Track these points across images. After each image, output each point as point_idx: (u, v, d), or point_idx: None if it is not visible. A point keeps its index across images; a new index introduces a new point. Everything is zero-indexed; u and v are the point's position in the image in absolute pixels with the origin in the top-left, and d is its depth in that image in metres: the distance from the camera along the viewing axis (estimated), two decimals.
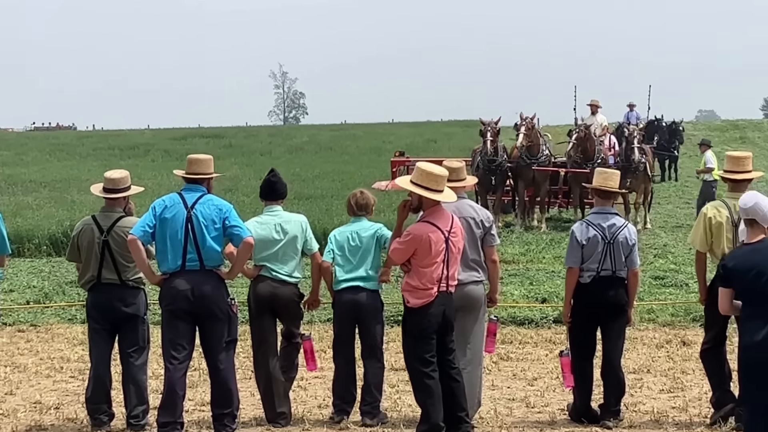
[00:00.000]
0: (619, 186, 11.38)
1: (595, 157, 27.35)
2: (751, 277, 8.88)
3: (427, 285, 10.20)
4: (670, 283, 19.21)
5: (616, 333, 11.09)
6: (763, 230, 9.13)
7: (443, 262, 10.21)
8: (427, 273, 10.19)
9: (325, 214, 27.43)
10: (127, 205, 11.52)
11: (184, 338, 10.58)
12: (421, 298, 10.22)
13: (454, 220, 10.40)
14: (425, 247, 10.13)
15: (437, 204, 10.32)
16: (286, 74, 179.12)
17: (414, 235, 10.20)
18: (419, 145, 54.92)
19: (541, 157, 27.89)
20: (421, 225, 10.29)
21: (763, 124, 71.30)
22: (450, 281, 10.34)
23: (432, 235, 10.15)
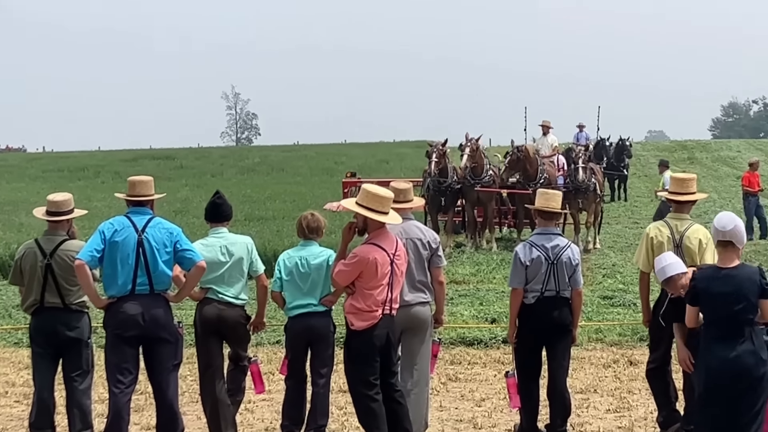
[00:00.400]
0: (569, 206, 11.50)
1: (537, 177, 27.39)
2: (722, 303, 9.02)
3: (372, 307, 10.19)
4: (618, 303, 19.27)
5: (561, 353, 11.09)
6: (738, 254, 9.23)
7: (388, 284, 10.22)
8: (372, 295, 10.18)
9: (276, 235, 27.34)
10: (71, 228, 11.44)
11: (129, 362, 10.50)
12: (366, 321, 10.20)
13: (398, 242, 10.41)
14: (371, 269, 10.13)
15: (382, 226, 10.32)
16: (238, 95, 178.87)
17: (360, 257, 10.19)
18: (371, 166, 54.95)
19: (485, 177, 27.91)
20: (367, 247, 10.28)
21: (711, 144, 71.87)
22: (393, 304, 10.34)
23: (378, 257, 10.15)
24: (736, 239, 9.22)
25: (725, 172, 51.58)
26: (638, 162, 54.34)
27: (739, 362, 8.95)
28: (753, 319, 9.02)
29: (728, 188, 44.04)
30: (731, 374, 9.00)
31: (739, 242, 9.24)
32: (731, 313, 8.99)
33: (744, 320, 9.00)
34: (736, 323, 9.00)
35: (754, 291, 8.97)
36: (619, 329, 17.00)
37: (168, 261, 10.62)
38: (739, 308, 8.96)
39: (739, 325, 8.99)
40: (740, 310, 8.97)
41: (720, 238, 9.25)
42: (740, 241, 9.26)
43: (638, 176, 49.57)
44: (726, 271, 9.13)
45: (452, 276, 22.35)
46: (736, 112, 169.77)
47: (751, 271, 9.12)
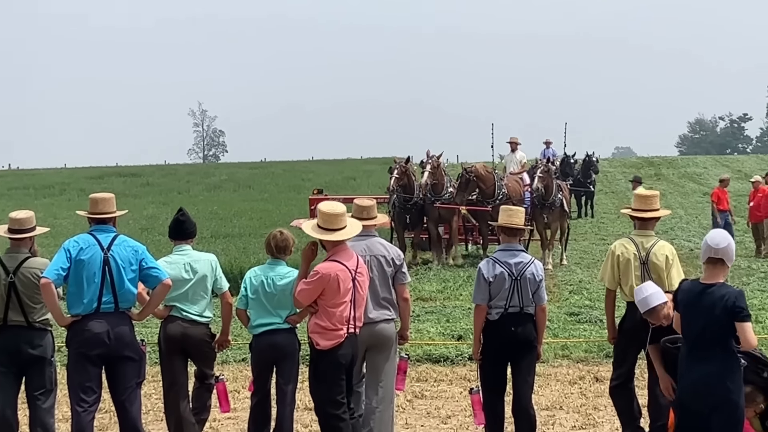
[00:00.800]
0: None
1: (495, 194, 27.42)
2: (694, 318, 9.02)
3: (337, 325, 10.18)
4: (585, 320, 19.28)
5: (525, 369, 11.06)
6: (725, 273, 9.23)
7: (351, 301, 10.21)
8: (336, 313, 10.16)
9: (242, 252, 27.29)
10: (33, 245, 11.36)
11: (93, 381, 10.45)
12: (331, 340, 10.18)
13: (359, 259, 10.42)
14: (333, 285, 10.12)
15: (341, 243, 10.32)
16: (205, 112, 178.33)
17: (322, 274, 10.17)
18: (338, 183, 54.99)
19: (445, 194, 27.94)
20: (328, 264, 10.27)
21: (677, 161, 72.24)
22: (357, 322, 10.34)
23: (340, 273, 10.14)
24: (727, 257, 9.21)
25: (692, 189, 51.83)
26: (605, 178, 54.56)
27: (701, 384, 8.93)
28: (727, 341, 8.95)
29: (695, 204, 44.23)
30: (694, 395, 9.00)
31: (729, 260, 9.25)
32: (700, 330, 8.98)
33: (714, 339, 8.92)
34: (704, 341, 8.95)
35: (724, 311, 8.89)
36: (585, 346, 17.01)
37: (133, 279, 10.59)
38: (708, 325, 8.91)
39: (709, 344, 8.93)
40: (709, 328, 8.91)
41: (712, 255, 9.17)
42: (730, 260, 9.27)
43: (605, 192, 49.77)
44: (704, 286, 9.11)
45: (419, 293, 22.36)
46: (703, 128, 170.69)
47: (727, 291, 9.01)
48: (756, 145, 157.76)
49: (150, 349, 13.99)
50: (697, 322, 9.00)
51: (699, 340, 9.01)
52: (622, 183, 54.36)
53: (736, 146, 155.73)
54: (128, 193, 53.19)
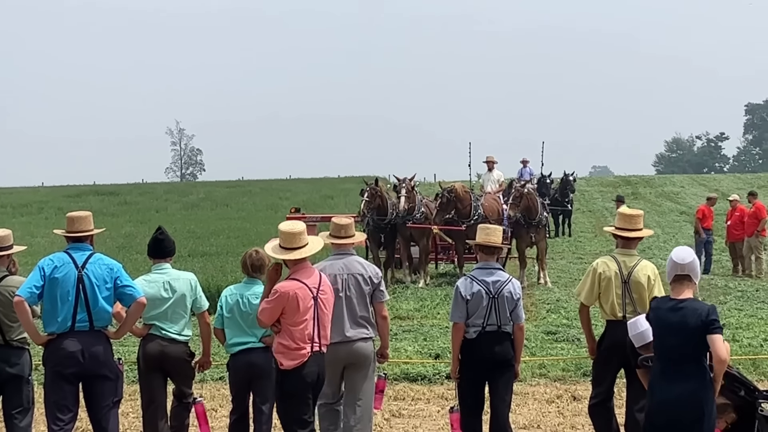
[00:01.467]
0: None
1: (471, 214, 27.43)
2: (667, 334, 9.05)
3: (300, 344, 10.15)
4: (562, 338, 19.29)
5: (503, 388, 11.05)
6: (692, 288, 9.28)
7: (313, 320, 10.18)
8: (296, 332, 10.14)
9: (219, 271, 27.24)
10: (10, 264, 11.32)
11: (68, 400, 10.43)
12: (294, 360, 10.15)
13: (322, 278, 10.42)
14: (293, 304, 10.11)
15: (302, 261, 10.34)
16: (183, 131, 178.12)
17: (281, 293, 10.18)
18: (316, 202, 54.95)
19: (417, 214, 27.97)
20: (287, 282, 10.29)
21: (654, 179, 72.47)
22: (322, 340, 10.31)
23: (299, 291, 10.15)
24: (693, 273, 9.29)
25: (669, 207, 51.96)
26: (582, 197, 54.65)
27: (677, 402, 8.94)
28: (701, 357, 9.00)
29: (672, 223, 44.35)
30: (670, 413, 9.01)
31: (695, 276, 9.31)
32: (674, 347, 9.01)
33: (689, 356, 8.97)
34: (679, 358, 8.99)
35: (698, 325, 8.94)
36: (562, 364, 17.01)
37: (108, 297, 10.57)
38: (683, 341, 8.96)
39: (684, 361, 8.97)
40: (683, 343, 8.95)
41: (678, 271, 9.26)
42: (696, 275, 9.33)
43: (582, 212, 49.83)
44: (675, 302, 9.17)
45: (396, 311, 22.35)
46: (680, 147, 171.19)
47: (699, 306, 9.09)
48: (733, 164, 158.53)
49: (127, 367, 13.95)
50: (671, 339, 9.03)
51: (674, 357, 9.03)
52: (600, 202, 54.53)
53: (713, 165, 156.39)
54: (105, 211, 53.01)
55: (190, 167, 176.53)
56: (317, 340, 10.23)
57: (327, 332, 10.38)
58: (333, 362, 11.03)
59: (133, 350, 15.47)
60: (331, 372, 11.07)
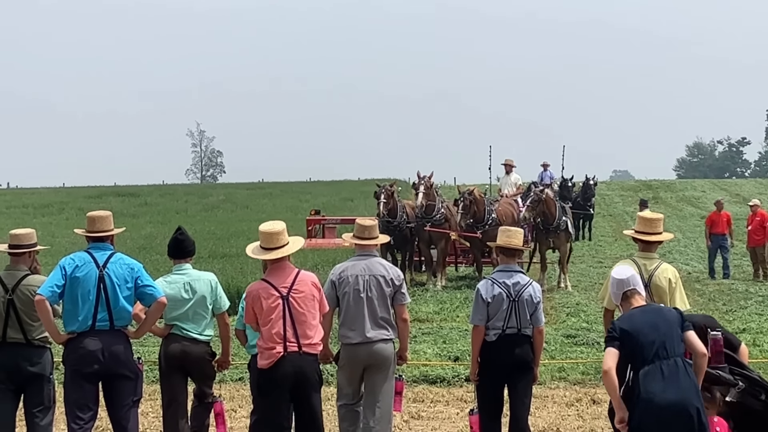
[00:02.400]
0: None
1: (485, 218, 27.41)
2: (649, 332, 9.00)
3: (269, 344, 10.10)
4: (582, 342, 19.26)
5: (522, 391, 11.07)
6: (644, 297, 9.38)
7: (282, 319, 10.09)
8: (265, 331, 10.13)
9: (239, 272, 27.22)
10: (33, 264, 11.35)
11: (89, 398, 10.47)
12: (266, 359, 10.10)
13: (298, 278, 10.30)
14: (258, 304, 10.14)
15: (279, 261, 10.33)
16: (203, 132, 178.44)
17: (246, 293, 10.32)
18: (336, 204, 54.98)
19: (437, 215, 27.96)
20: (255, 283, 10.41)
21: (675, 184, 72.32)
22: (302, 340, 10.14)
23: (261, 291, 10.17)
24: (638, 286, 9.51)
25: (690, 212, 51.87)
26: (603, 201, 54.57)
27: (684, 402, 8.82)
28: (682, 352, 9.01)
29: (692, 228, 44.23)
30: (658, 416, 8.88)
31: (641, 288, 9.53)
32: (661, 343, 8.96)
33: (675, 350, 8.97)
34: (667, 353, 8.94)
35: (676, 320, 9.09)
36: (582, 368, 16.98)
37: (129, 297, 10.60)
38: (668, 336, 8.97)
39: (672, 356, 8.94)
40: (668, 339, 8.97)
41: (625, 287, 9.46)
42: (642, 288, 9.51)
43: (603, 215, 49.75)
44: (641, 309, 9.28)
45: (415, 314, 22.33)
46: (701, 152, 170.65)
47: (664, 306, 9.32)
48: (754, 169, 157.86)
49: (147, 367, 13.97)
50: (649, 337, 8.99)
51: (660, 355, 8.95)
52: (620, 206, 54.46)
53: (735, 170, 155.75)
54: (126, 212, 53.15)
55: (210, 169, 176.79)
56: (293, 340, 10.09)
57: (309, 331, 10.20)
58: (353, 363, 11.05)
59: (153, 350, 15.52)
60: (351, 372, 11.09)
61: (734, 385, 9.44)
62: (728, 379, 9.45)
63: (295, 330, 10.11)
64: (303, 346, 10.13)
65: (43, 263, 12.01)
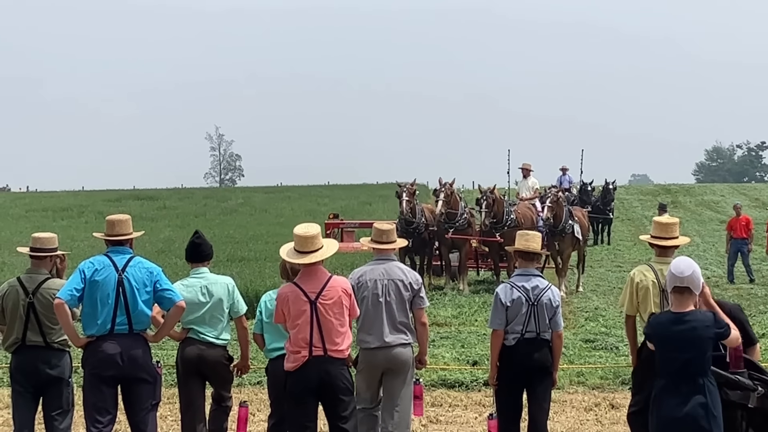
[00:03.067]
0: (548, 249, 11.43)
1: (504, 219, 27.42)
2: (674, 349, 8.94)
3: (295, 348, 10.09)
4: (601, 346, 19.22)
5: (541, 395, 11.05)
6: (694, 300, 9.17)
7: (310, 324, 10.05)
8: (293, 335, 10.13)
9: (257, 276, 27.28)
10: (54, 267, 11.37)
11: (107, 402, 10.47)
12: (292, 362, 10.10)
13: (328, 284, 10.23)
14: (287, 308, 10.13)
15: (311, 266, 10.27)
16: (222, 136, 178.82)
17: (278, 295, 10.31)
18: (354, 208, 55.04)
19: (460, 221, 27.95)
20: (286, 286, 10.36)
21: (694, 188, 72.16)
22: (328, 346, 10.08)
23: (291, 295, 10.14)
24: (693, 285, 9.12)
25: (709, 216, 51.77)
26: (621, 206, 54.48)
27: (688, 419, 8.83)
28: (708, 369, 8.94)
29: (712, 232, 44.15)
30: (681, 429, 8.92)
31: (695, 288, 9.18)
32: (682, 362, 8.92)
33: (696, 370, 8.88)
34: (687, 373, 8.89)
35: (709, 337, 8.88)
36: (601, 372, 16.95)
37: (148, 301, 10.61)
38: (691, 355, 8.87)
39: (691, 376, 8.88)
40: (692, 358, 8.86)
41: (677, 284, 9.10)
42: (696, 287, 9.19)
43: (621, 220, 49.69)
44: (680, 315, 9.04)
45: (434, 318, 22.33)
46: (720, 156, 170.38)
47: (705, 317, 8.97)
48: None
49: (166, 371, 14.00)
50: (677, 353, 8.92)
51: (680, 371, 8.92)
52: (639, 210, 54.38)
53: (754, 174, 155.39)
54: (145, 216, 53.30)
55: (229, 172, 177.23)
56: (318, 345, 10.05)
57: (336, 338, 10.13)
58: (371, 367, 11.05)
59: (171, 353, 15.53)
60: (370, 377, 11.09)
61: (753, 389, 9.40)
62: (747, 384, 9.41)
63: (322, 336, 10.07)
64: (329, 351, 10.08)
65: None
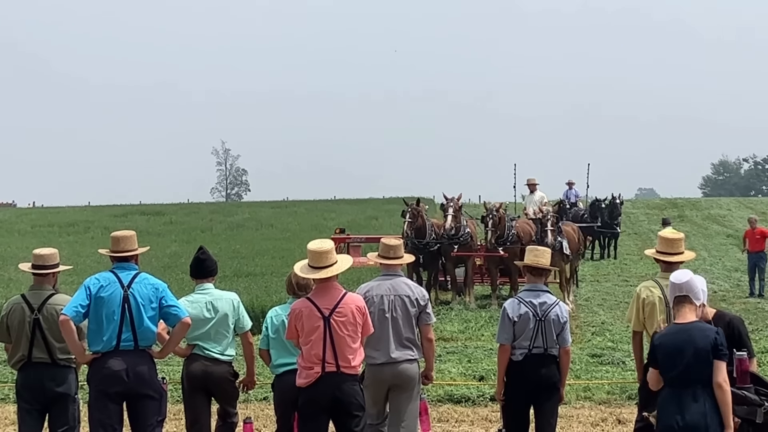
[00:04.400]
0: None
1: (505, 235, 27.41)
2: (675, 357, 8.94)
3: (308, 363, 10.07)
4: (607, 361, 19.20)
5: (548, 411, 11.00)
6: (695, 310, 9.18)
7: (323, 341, 10.03)
8: (305, 350, 10.10)
9: (264, 291, 27.30)
10: (56, 282, 11.38)
11: (113, 418, 10.42)
12: (305, 378, 10.09)
13: (342, 300, 10.19)
14: (300, 323, 10.10)
15: (326, 281, 10.25)
16: (228, 151, 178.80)
17: (291, 310, 10.28)
18: (360, 223, 54.92)
19: (462, 235, 27.93)
20: (300, 301, 10.34)
21: (701, 202, 71.97)
22: (341, 362, 10.05)
23: (304, 310, 10.11)
24: (692, 293, 9.18)
25: (715, 231, 51.60)
26: (628, 220, 54.30)
27: (687, 428, 8.84)
28: (709, 379, 8.92)
29: (718, 246, 44.04)
30: None
31: (695, 297, 9.20)
32: (683, 369, 8.93)
33: (697, 378, 8.89)
34: (688, 381, 8.91)
35: (707, 348, 8.88)
36: (607, 387, 16.92)
37: (153, 317, 10.58)
38: (691, 364, 8.87)
39: (692, 384, 8.90)
40: (692, 366, 8.87)
41: (677, 292, 9.20)
42: (696, 297, 9.21)
43: (628, 234, 49.54)
44: (681, 326, 9.08)
45: (440, 333, 22.31)
46: (727, 170, 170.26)
47: (706, 328, 9.02)
48: None
49: (172, 387, 13.99)
50: (680, 361, 8.94)
51: (681, 380, 8.93)
52: (645, 224, 54.22)
53: (761, 188, 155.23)
54: (151, 231, 53.27)
55: (235, 187, 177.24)
56: (331, 361, 10.02)
57: (348, 355, 10.09)
58: (377, 383, 11.02)
59: (177, 370, 15.52)
60: (376, 393, 11.06)
61: (760, 405, 9.38)
62: (754, 399, 9.39)
63: (335, 352, 10.04)
64: (342, 367, 10.06)
65: (68, 282, 12.08)
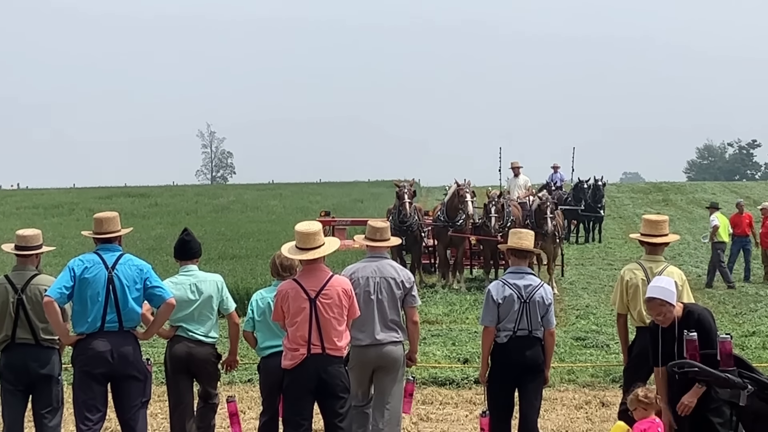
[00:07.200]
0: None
1: (505, 220, 27.48)
2: None
3: (293, 345, 10.09)
4: (591, 344, 19.23)
5: (533, 393, 11.02)
6: None
7: (308, 322, 10.05)
8: (291, 332, 10.12)
9: (249, 273, 27.27)
10: (39, 262, 11.35)
11: (98, 399, 10.44)
12: (291, 360, 10.10)
13: (329, 283, 10.20)
14: (287, 304, 10.11)
15: (313, 263, 10.26)
16: (213, 134, 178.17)
17: (278, 291, 10.28)
18: (346, 205, 54.94)
19: (459, 219, 27.92)
20: (286, 282, 10.34)
21: (685, 186, 72.05)
22: (326, 344, 10.07)
23: (290, 291, 10.12)
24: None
25: (700, 215, 51.57)
26: (613, 203, 54.38)
27: None
28: None
29: (703, 230, 43.98)
30: None
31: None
32: None
33: None
34: None
35: None
36: (591, 370, 16.96)
37: (138, 298, 10.58)
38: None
39: None
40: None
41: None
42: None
43: (612, 218, 49.58)
44: None
45: (425, 316, 22.31)
46: (712, 154, 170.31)
47: None
48: (765, 171, 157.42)
49: (156, 368, 13.99)
50: None
51: None
52: (630, 208, 54.25)
53: (745, 173, 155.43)
54: (136, 213, 53.20)
55: (220, 170, 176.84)
56: (317, 343, 10.05)
57: (334, 337, 10.11)
58: (362, 365, 11.04)
59: (161, 351, 15.49)
60: (361, 374, 11.08)
61: (743, 388, 9.43)
62: (737, 382, 9.44)
63: (320, 334, 10.06)
64: (327, 349, 10.08)
65: (52, 264, 12.04)
